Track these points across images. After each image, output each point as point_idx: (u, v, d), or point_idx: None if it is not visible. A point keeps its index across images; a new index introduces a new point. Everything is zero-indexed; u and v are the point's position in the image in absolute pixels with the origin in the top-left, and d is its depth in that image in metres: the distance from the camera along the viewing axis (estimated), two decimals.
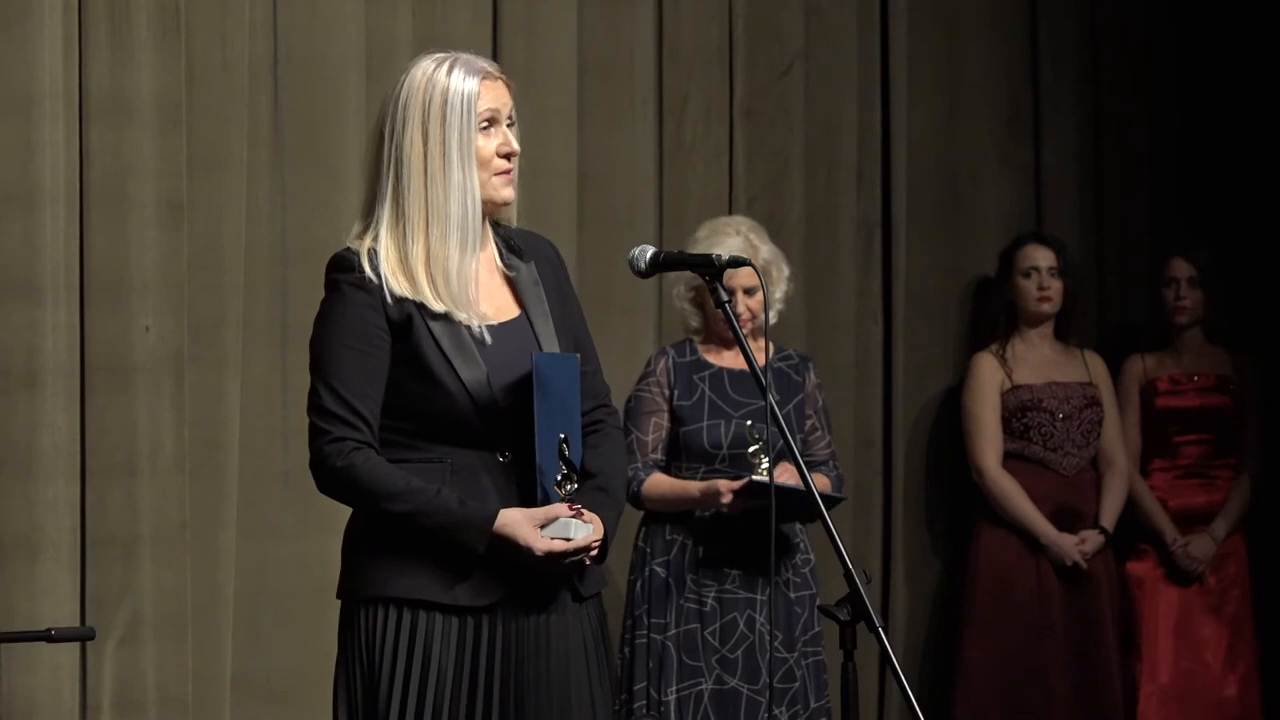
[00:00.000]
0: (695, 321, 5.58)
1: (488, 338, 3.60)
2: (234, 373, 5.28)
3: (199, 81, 5.24)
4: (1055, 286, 6.40)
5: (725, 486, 5.30)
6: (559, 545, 3.53)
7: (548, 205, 5.68)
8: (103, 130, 5.08)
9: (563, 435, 3.58)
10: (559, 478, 3.58)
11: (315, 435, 3.58)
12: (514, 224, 3.77)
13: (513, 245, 3.73)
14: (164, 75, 5.15)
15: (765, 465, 5.25)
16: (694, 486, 5.39)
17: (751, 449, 5.32)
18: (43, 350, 5.00)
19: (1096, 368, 6.49)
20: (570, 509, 3.56)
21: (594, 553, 3.59)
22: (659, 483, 5.43)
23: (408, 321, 3.57)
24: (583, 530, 3.55)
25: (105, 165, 5.08)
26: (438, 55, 3.64)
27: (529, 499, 3.58)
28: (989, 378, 6.41)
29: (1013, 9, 6.86)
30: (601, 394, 3.79)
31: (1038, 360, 6.44)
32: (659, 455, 5.48)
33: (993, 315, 6.59)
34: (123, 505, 5.09)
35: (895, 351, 6.62)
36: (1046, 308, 6.41)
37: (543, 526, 3.54)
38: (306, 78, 5.43)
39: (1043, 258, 6.41)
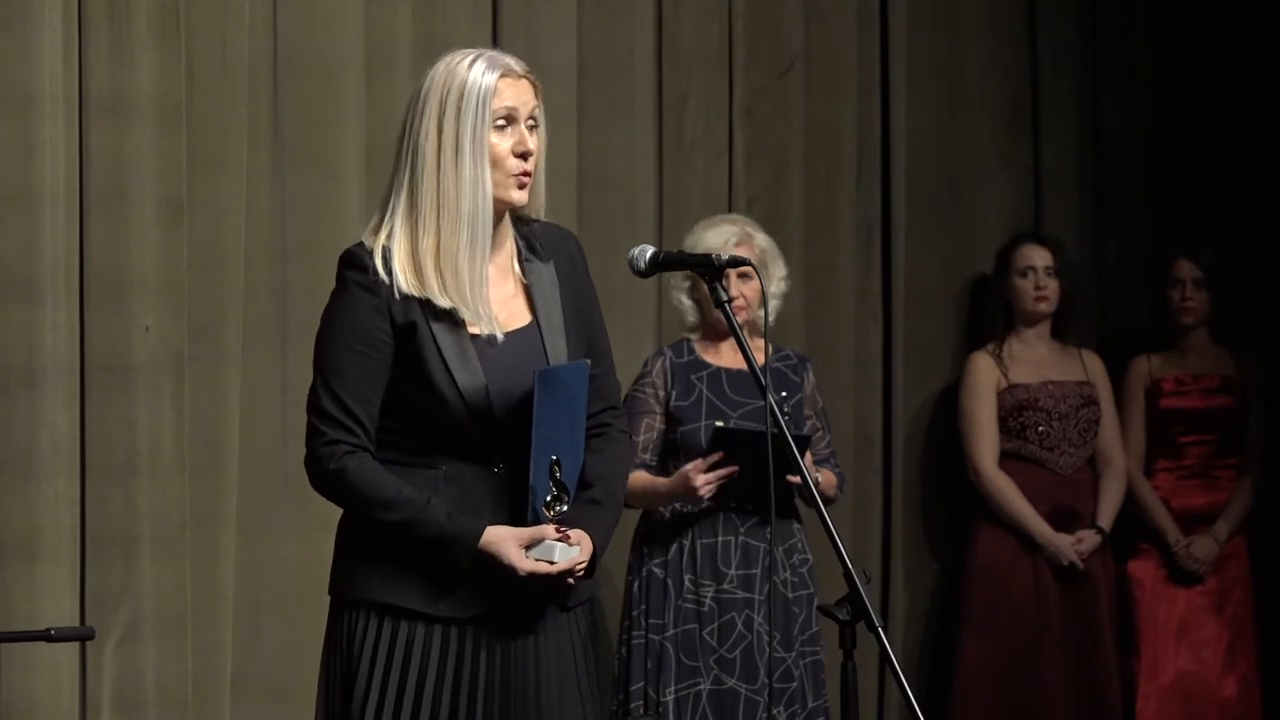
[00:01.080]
0: (692, 317, 5.57)
1: (499, 337, 3.58)
2: (234, 373, 5.28)
3: (199, 81, 5.24)
4: (1052, 286, 6.40)
5: (694, 469, 5.28)
6: (542, 568, 3.52)
7: (548, 205, 5.66)
8: (103, 130, 5.08)
9: (555, 456, 3.55)
10: (549, 498, 3.56)
11: (312, 435, 3.57)
12: (541, 217, 3.73)
13: (534, 245, 3.69)
14: (164, 75, 5.16)
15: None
16: (661, 482, 5.37)
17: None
18: (43, 350, 5.00)
19: (1094, 367, 6.49)
20: (557, 531, 3.54)
21: (579, 573, 3.58)
22: (634, 480, 5.40)
23: (412, 326, 3.55)
24: (567, 554, 3.53)
25: (105, 165, 5.09)
26: (467, 50, 3.62)
27: (522, 512, 3.56)
28: (985, 377, 6.40)
29: (1012, 8, 6.86)
30: (611, 395, 3.77)
31: (1034, 359, 6.44)
32: (648, 456, 5.47)
33: (990, 315, 6.58)
34: (122, 505, 5.09)
35: (895, 351, 6.62)
36: (1043, 307, 6.41)
37: (529, 547, 3.53)
38: (306, 78, 5.43)
39: (1039, 257, 6.41)
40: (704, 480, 5.27)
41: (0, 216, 4.97)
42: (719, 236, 5.47)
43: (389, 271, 3.55)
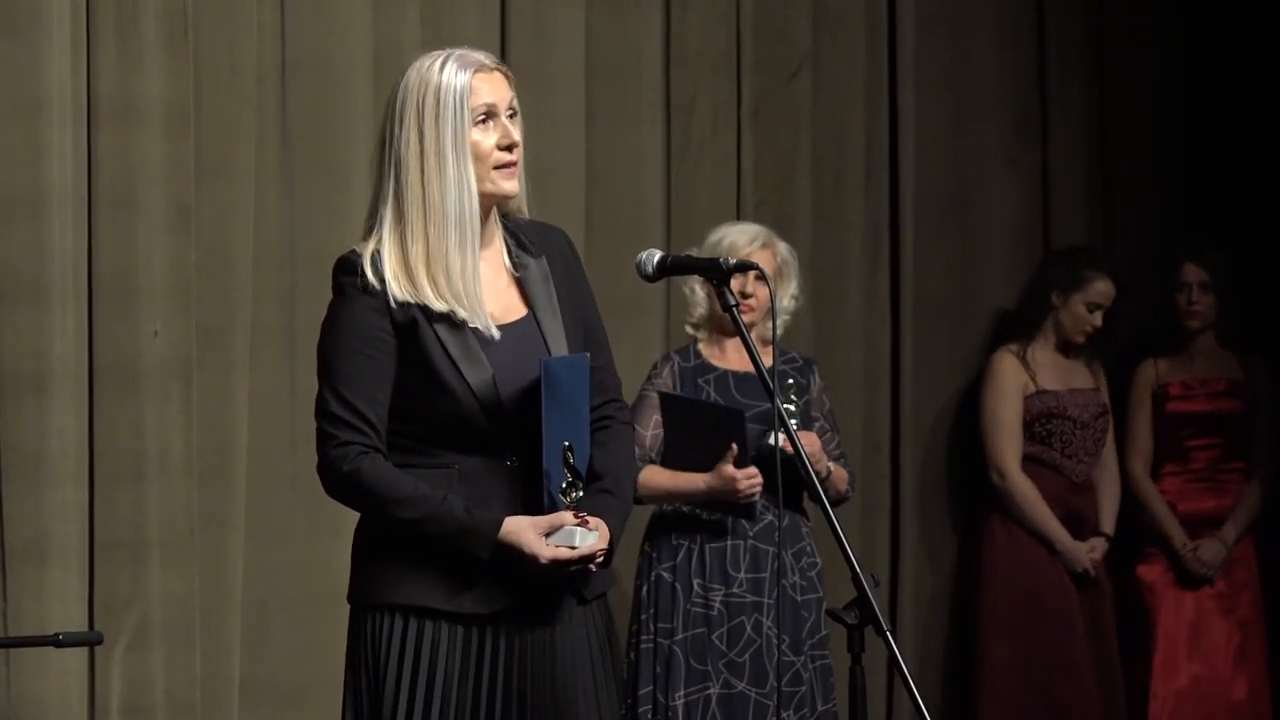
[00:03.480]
0: (702, 309, 5.56)
1: (495, 335, 3.59)
2: (242, 377, 5.28)
3: (207, 86, 5.24)
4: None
5: (742, 474, 5.29)
6: (563, 553, 3.53)
7: (555, 209, 5.66)
8: (111, 135, 5.08)
9: (567, 443, 3.57)
10: (564, 485, 3.57)
11: (323, 440, 3.58)
12: (525, 214, 3.75)
13: (522, 241, 3.71)
14: (172, 80, 5.16)
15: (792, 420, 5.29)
16: (701, 479, 5.34)
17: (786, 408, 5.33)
18: (51, 354, 5.00)
19: (1099, 373, 6.49)
20: (575, 517, 3.55)
21: (599, 560, 3.59)
22: (654, 474, 5.40)
23: (412, 324, 3.57)
24: (588, 539, 3.54)
25: (113, 170, 5.09)
26: (434, 53, 3.63)
27: (535, 504, 3.57)
28: (1012, 379, 6.39)
29: (1020, 11, 6.86)
30: (612, 389, 3.78)
31: (1056, 365, 6.43)
32: (654, 454, 5.47)
33: (1029, 317, 6.50)
34: (131, 510, 5.09)
35: (903, 354, 6.61)
36: (1083, 340, 6.40)
37: (548, 534, 3.53)
38: (314, 82, 5.43)
39: (1109, 297, 6.38)
40: (749, 484, 5.27)
41: (9, 221, 4.98)
42: (744, 234, 5.49)
43: (380, 278, 3.56)
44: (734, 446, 5.25)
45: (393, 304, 3.56)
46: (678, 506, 5.43)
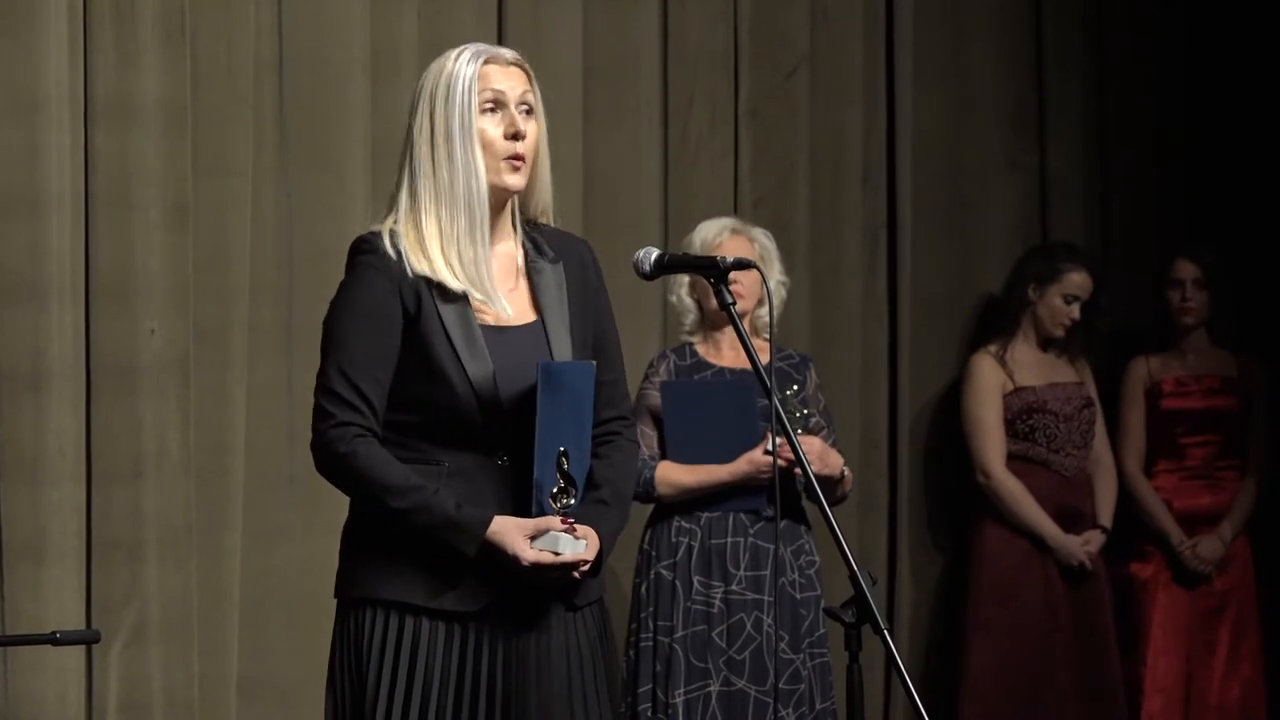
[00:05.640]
0: (693, 315, 5.57)
1: (504, 329, 3.59)
2: (239, 376, 5.28)
3: (204, 85, 5.24)
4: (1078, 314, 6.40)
5: (758, 459, 5.30)
6: (546, 558, 3.52)
7: (553, 207, 5.67)
8: (108, 134, 5.08)
9: (563, 448, 3.56)
10: (555, 490, 3.56)
11: (320, 417, 3.56)
12: (551, 223, 3.75)
13: (541, 246, 3.71)
14: (169, 79, 5.16)
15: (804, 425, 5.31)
16: (723, 470, 5.36)
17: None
18: (48, 353, 5.00)
19: (1082, 367, 6.49)
20: (564, 523, 3.54)
21: (585, 568, 3.58)
22: (671, 471, 5.40)
23: (422, 310, 3.57)
24: (573, 547, 3.53)
25: (110, 169, 5.09)
26: (462, 46, 3.67)
27: (525, 505, 3.56)
28: (990, 379, 6.39)
29: (1018, 11, 6.85)
30: (621, 405, 3.77)
31: (1035, 361, 6.43)
32: (659, 452, 5.47)
33: (1006, 315, 6.51)
34: (128, 508, 5.09)
35: (900, 353, 6.61)
36: (1062, 334, 6.40)
37: (534, 538, 3.53)
38: (311, 81, 5.43)
39: (1085, 289, 6.38)
40: (768, 460, 5.30)
41: (6, 220, 4.98)
42: (713, 227, 5.50)
43: (398, 253, 3.57)
44: (766, 435, 5.28)
45: (409, 275, 3.56)
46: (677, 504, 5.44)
